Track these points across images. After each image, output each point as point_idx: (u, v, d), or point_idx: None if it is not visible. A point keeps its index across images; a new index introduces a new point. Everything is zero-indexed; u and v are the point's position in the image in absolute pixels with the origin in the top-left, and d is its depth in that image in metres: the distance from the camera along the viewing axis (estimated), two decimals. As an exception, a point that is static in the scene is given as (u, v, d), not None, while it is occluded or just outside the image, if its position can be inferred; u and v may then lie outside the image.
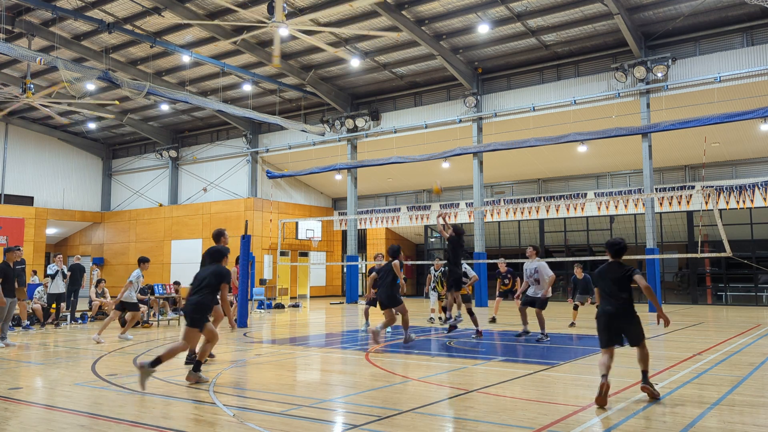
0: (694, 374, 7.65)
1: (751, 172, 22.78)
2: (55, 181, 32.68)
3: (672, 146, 22.23)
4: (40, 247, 30.67)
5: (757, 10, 18.49)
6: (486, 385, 6.97)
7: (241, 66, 23.88)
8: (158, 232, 31.54)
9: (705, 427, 5.14)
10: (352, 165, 26.31)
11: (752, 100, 19.20)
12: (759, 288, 22.83)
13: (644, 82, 20.35)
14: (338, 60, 23.32)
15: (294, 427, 5.18)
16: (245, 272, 15.13)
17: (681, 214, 23.98)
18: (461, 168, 25.70)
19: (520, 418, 5.47)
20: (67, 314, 15.77)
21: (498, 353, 9.80)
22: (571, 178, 26.68)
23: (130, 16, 20.70)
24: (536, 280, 11.26)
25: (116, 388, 6.89)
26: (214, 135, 32.08)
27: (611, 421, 5.35)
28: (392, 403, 6.09)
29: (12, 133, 31.03)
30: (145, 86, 20.67)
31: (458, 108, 24.45)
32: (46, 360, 9.65)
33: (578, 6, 19.04)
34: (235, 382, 7.48)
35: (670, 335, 12.49)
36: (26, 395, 6.60)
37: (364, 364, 8.86)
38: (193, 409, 5.89)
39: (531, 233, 27.64)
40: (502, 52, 22.57)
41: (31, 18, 20.92)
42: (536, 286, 11.29)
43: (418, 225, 29.96)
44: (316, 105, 27.97)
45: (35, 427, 5.22)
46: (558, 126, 21.96)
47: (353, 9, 19.40)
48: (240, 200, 29.48)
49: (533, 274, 11.30)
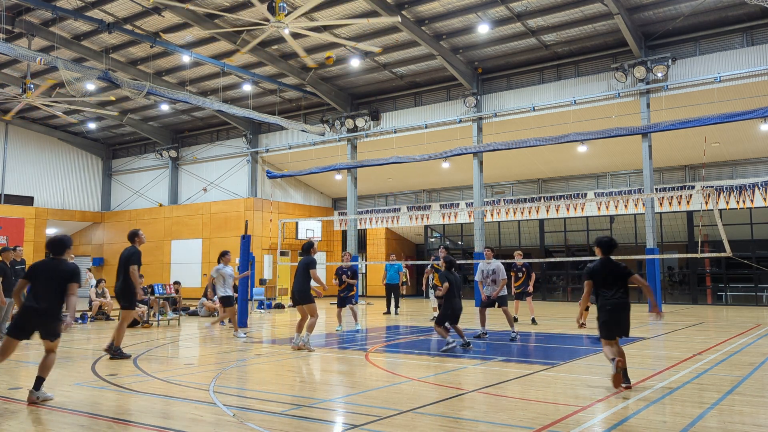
0: (694, 374, 7.64)
1: (751, 172, 22.78)
2: (55, 181, 32.68)
3: (672, 146, 22.23)
4: (40, 247, 30.62)
5: (757, 10, 18.49)
6: (486, 385, 6.97)
7: (241, 66, 23.88)
8: (158, 232, 31.53)
9: (705, 427, 5.14)
10: (352, 165, 26.31)
11: (752, 100, 19.19)
12: (759, 288, 22.82)
13: (644, 82, 20.35)
14: (338, 60, 23.32)
15: (294, 427, 5.18)
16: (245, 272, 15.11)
17: (681, 214, 23.98)
18: (461, 168, 25.70)
19: (520, 418, 5.46)
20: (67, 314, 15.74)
21: (498, 353, 9.80)
22: (571, 178, 26.68)
23: (130, 16, 20.70)
24: (494, 280, 11.69)
25: (116, 388, 6.89)
26: (214, 135, 32.08)
27: (611, 421, 5.35)
28: (392, 403, 6.08)
29: (12, 133, 31.04)
30: (145, 86, 20.67)
31: (458, 108, 24.45)
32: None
33: (578, 6, 19.04)
34: (235, 382, 7.48)
35: (670, 335, 12.49)
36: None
37: (364, 364, 8.86)
38: (193, 409, 5.89)
39: (531, 233, 27.64)
40: (502, 52, 22.56)
41: (31, 18, 20.92)
42: (493, 285, 11.70)
43: (418, 225, 29.96)
44: (316, 105, 27.97)
45: (35, 427, 5.22)
46: (558, 126, 21.96)
47: (353, 9, 19.43)
48: (240, 200, 29.48)
49: (491, 275, 11.73)
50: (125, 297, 9.34)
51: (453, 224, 29.61)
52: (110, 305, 17.27)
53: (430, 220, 29.52)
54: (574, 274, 26.91)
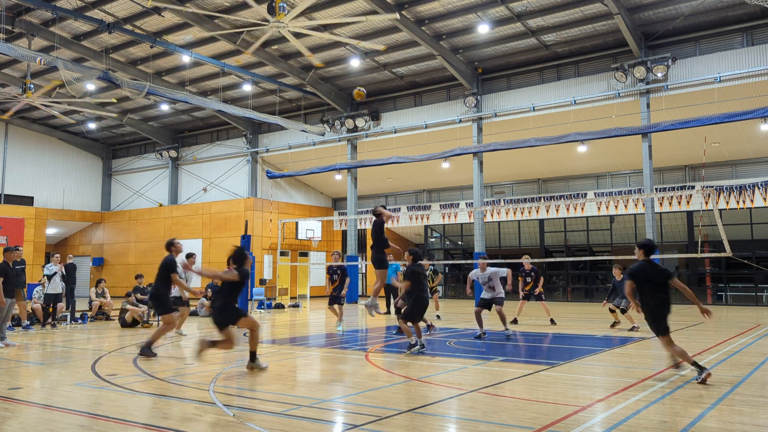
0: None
1: (751, 172, 22.78)
2: (55, 181, 32.68)
3: (672, 146, 22.23)
4: (40, 247, 30.66)
5: (757, 10, 18.49)
6: (486, 385, 6.97)
7: (241, 66, 23.87)
8: (158, 232, 31.54)
9: (705, 427, 5.14)
10: (352, 165, 26.31)
11: (752, 100, 19.19)
12: (759, 288, 22.82)
13: (644, 82, 20.35)
14: (338, 60, 23.33)
15: (294, 427, 5.18)
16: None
17: (681, 214, 23.98)
18: (461, 168, 25.70)
19: (520, 418, 5.46)
20: (67, 314, 15.76)
21: (498, 353, 9.80)
22: (571, 178, 26.68)
23: (130, 16, 20.69)
24: (491, 287, 11.92)
25: (116, 388, 6.88)
26: (214, 135, 32.08)
27: (611, 420, 5.35)
28: (392, 403, 6.08)
29: (12, 133, 31.04)
30: (145, 86, 20.67)
31: (458, 108, 24.44)
32: (45, 360, 9.65)
33: (578, 6, 19.04)
34: (235, 382, 7.48)
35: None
36: (26, 395, 6.60)
37: (364, 364, 8.86)
38: (193, 409, 5.89)
39: (531, 233, 27.65)
40: (502, 52, 22.56)
41: (31, 18, 20.92)
42: (491, 291, 11.91)
43: (418, 225, 29.96)
44: (316, 105, 27.97)
45: (35, 427, 5.22)
46: (558, 126, 21.96)
47: (353, 8, 19.43)
48: (240, 200, 29.48)
49: (487, 281, 11.96)
50: (159, 303, 9.87)
51: (453, 224, 29.61)
52: (110, 305, 17.26)
53: (430, 220, 29.52)
54: (574, 274, 26.91)
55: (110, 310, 17.27)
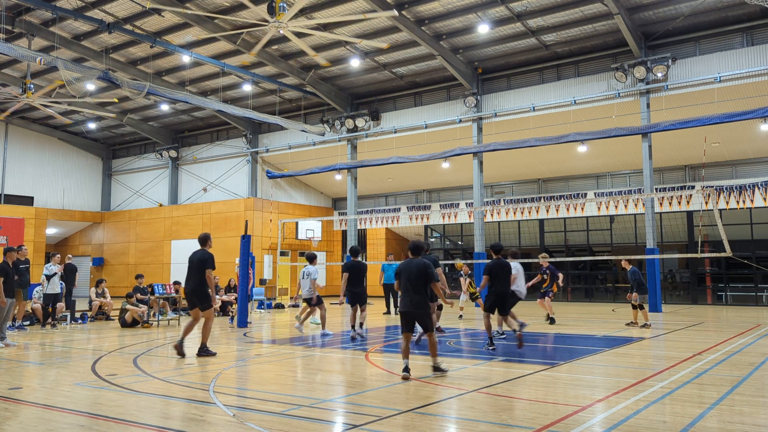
0: (694, 374, 7.64)
1: (751, 172, 22.78)
2: (55, 181, 32.68)
3: (672, 146, 22.23)
4: (40, 247, 30.66)
5: (757, 10, 18.49)
6: (486, 385, 6.97)
7: (241, 66, 23.87)
8: (158, 232, 31.55)
9: (705, 427, 5.14)
10: (352, 165, 26.31)
11: (752, 100, 19.19)
12: (759, 288, 22.82)
13: (644, 82, 20.35)
14: (338, 60, 23.32)
15: (294, 427, 5.18)
16: (245, 272, 15.14)
17: (681, 214, 23.98)
18: (461, 168, 25.70)
19: (520, 418, 5.47)
20: (67, 314, 15.77)
21: (498, 353, 9.80)
22: (571, 178, 26.68)
23: (130, 16, 20.69)
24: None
25: (116, 388, 6.89)
26: (214, 135, 32.08)
27: (611, 420, 5.35)
28: (392, 403, 6.08)
29: (12, 133, 31.03)
30: (145, 86, 20.66)
31: (458, 108, 24.45)
32: (45, 360, 9.65)
33: (578, 6, 19.04)
34: (235, 382, 7.48)
35: (669, 335, 12.49)
36: (26, 395, 6.60)
37: (364, 364, 8.86)
38: (193, 409, 5.89)
39: (531, 233, 27.64)
40: (502, 52, 22.56)
41: (31, 18, 20.92)
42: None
43: (418, 225, 29.96)
44: (316, 105, 27.97)
45: (35, 427, 5.22)
46: (558, 126, 21.96)
47: (353, 8, 19.42)
48: (240, 200, 29.48)
49: None
50: (200, 298, 9.65)
51: (453, 224, 29.61)
52: (110, 305, 17.27)
53: (430, 220, 29.51)
54: (574, 274, 26.91)
55: (110, 310, 17.28)
